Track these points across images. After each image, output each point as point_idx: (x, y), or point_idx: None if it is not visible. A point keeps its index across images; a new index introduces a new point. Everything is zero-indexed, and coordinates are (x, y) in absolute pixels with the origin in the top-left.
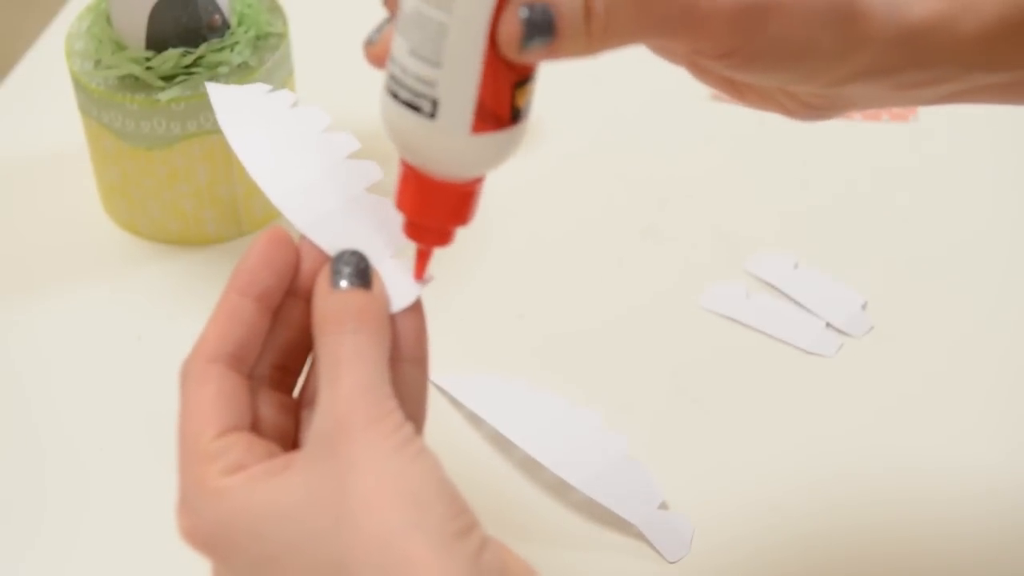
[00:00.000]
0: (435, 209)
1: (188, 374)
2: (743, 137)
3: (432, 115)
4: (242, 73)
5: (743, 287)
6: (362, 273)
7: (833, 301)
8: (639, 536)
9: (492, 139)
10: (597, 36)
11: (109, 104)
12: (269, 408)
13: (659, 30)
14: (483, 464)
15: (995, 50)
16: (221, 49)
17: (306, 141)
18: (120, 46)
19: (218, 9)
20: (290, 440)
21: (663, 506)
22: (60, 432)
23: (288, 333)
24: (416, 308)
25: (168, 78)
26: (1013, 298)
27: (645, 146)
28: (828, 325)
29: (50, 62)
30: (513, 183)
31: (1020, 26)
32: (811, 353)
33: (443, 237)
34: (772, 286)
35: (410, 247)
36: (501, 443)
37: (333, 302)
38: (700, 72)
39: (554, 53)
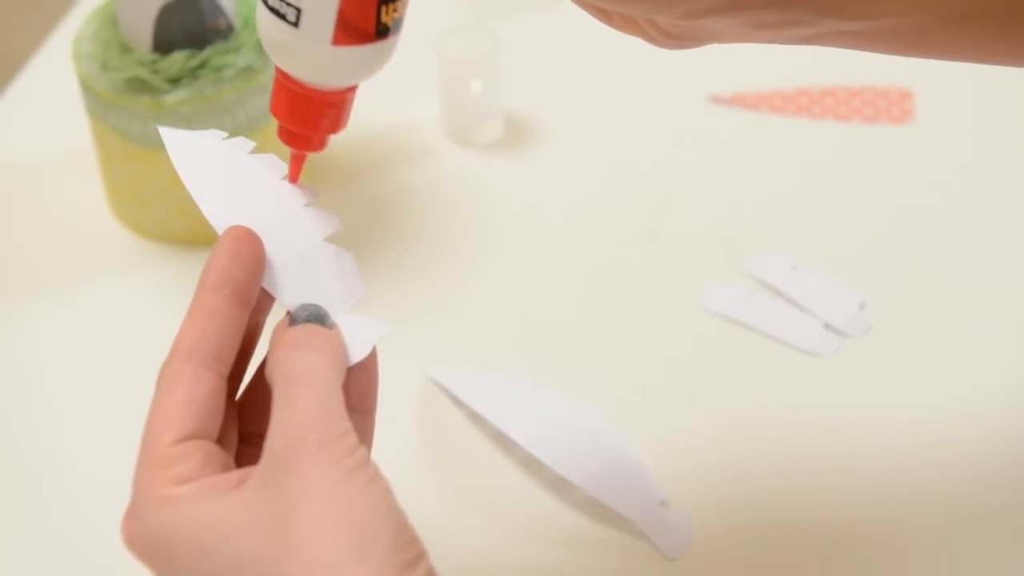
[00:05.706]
0: (305, 116)
1: (162, 374)
2: (743, 137)
3: (296, 24)
4: (247, 76)
5: (742, 287)
6: (321, 319)
7: (832, 301)
8: (639, 534)
9: (355, 52)
10: None
11: (116, 106)
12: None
13: None
14: (484, 463)
15: None
16: (226, 52)
17: (265, 189)
18: (126, 49)
19: (223, 12)
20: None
21: (663, 504)
22: (64, 432)
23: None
24: (370, 360)
25: (174, 80)
26: (1012, 298)
27: (645, 146)
28: (827, 325)
29: (57, 65)
30: (513, 183)
31: None
32: (810, 353)
33: (315, 143)
34: (771, 286)
35: (367, 301)
36: (502, 441)
37: (288, 332)
38: None
39: None
